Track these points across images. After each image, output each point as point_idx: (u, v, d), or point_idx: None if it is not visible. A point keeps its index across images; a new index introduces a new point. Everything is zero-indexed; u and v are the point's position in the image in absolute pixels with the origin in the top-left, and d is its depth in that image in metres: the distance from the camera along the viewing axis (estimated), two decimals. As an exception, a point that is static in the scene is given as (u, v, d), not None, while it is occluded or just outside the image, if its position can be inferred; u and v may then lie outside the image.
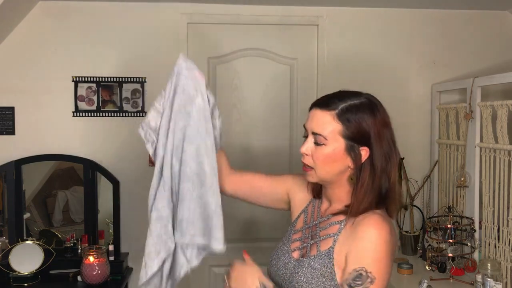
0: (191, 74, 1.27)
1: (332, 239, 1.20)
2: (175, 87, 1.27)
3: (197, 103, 1.27)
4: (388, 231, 1.15)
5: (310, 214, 1.33)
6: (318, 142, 1.17)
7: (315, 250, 1.22)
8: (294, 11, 2.71)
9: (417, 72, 2.81)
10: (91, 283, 2.30)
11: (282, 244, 1.33)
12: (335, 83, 2.75)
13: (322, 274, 1.17)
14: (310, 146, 1.19)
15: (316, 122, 1.18)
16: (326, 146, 1.16)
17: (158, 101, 1.32)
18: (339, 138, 1.16)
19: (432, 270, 2.36)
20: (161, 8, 2.64)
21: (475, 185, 2.33)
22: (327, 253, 1.18)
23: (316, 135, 1.17)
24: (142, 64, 2.66)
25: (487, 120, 2.22)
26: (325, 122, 1.16)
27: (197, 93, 1.27)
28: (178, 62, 1.27)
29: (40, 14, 2.59)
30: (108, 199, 2.59)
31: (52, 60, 2.61)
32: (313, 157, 1.18)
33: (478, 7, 2.77)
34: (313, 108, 1.21)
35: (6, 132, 2.59)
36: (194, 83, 1.27)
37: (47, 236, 2.60)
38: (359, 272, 1.11)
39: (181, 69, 1.27)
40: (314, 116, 1.19)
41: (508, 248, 2.08)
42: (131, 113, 2.66)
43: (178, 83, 1.27)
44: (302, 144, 1.22)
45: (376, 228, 1.14)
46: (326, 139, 1.15)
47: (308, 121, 1.20)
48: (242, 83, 2.73)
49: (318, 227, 1.26)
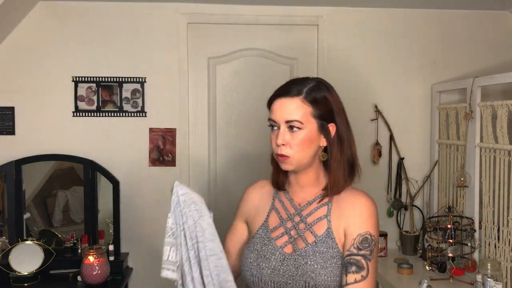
0: (190, 199, 1.25)
1: (326, 220, 1.26)
2: (180, 217, 1.24)
3: (204, 227, 1.24)
4: (372, 199, 1.29)
5: (282, 209, 1.33)
6: (294, 128, 1.20)
7: (312, 237, 1.25)
8: (294, 11, 2.71)
9: (417, 72, 2.81)
10: (91, 283, 2.30)
11: (263, 245, 1.29)
12: (335, 83, 2.74)
13: (332, 255, 1.22)
14: (286, 135, 1.22)
15: (287, 111, 1.21)
16: (302, 130, 1.21)
17: (169, 235, 1.26)
18: (311, 119, 1.22)
19: (432, 270, 2.36)
20: (161, 8, 2.64)
21: (475, 185, 2.33)
22: (327, 235, 1.24)
23: (290, 122, 1.20)
24: (142, 64, 2.66)
25: (487, 120, 2.22)
26: (296, 107, 1.21)
27: (201, 216, 1.25)
28: (174, 190, 1.24)
29: (40, 14, 2.59)
30: (108, 199, 2.59)
31: (52, 60, 2.61)
32: (290, 145, 1.21)
33: (478, 7, 2.77)
34: (276, 99, 1.24)
35: (6, 132, 2.59)
36: (196, 208, 1.25)
37: (47, 236, 2.60)
38: (364, 236, 1.21)
39: (180, 196, 1.24)
40: (282, 105, 1.22)
41: (508, 248, 2.08)
42: (131, 113, 2.66)
43: (182, 212, 1.24)
44: (273, 137, 1.24)
45: (365, 197, 1.28)
46: (302, 122, 1.20)
47: (277, 112, 1.22)
48: (242, 83, 2.73)
49: (301, 215, 1.29)
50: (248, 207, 1.41)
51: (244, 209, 1.42)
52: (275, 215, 1.33)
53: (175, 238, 1.24)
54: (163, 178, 2.68)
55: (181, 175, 2.70)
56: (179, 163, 2.69)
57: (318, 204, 1.28)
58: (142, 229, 2.68)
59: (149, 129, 2.68)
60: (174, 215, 1.24)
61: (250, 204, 1.41)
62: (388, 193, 2.80)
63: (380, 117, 2.77)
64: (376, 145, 2.76)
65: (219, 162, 2.75)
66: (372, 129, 2.78)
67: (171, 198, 1.25)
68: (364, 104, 2.77)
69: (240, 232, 1.42)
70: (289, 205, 1.32)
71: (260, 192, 1.41)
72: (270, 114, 1.25)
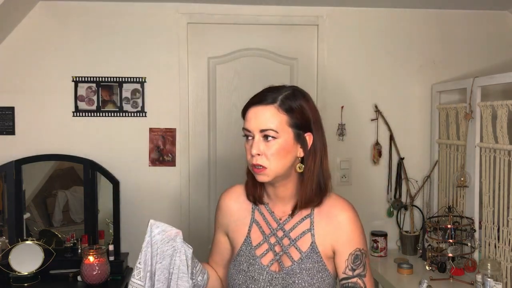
0: (167, 237, 1.21)
1: (309, 235, 1.24)
2: (150, 258, 1.20)
3: (177, 263, 1.21)
4: (352, 206, 1.27)
5: (264, 222, 1.29)
6: (269, 138, 1.16)
7: (297, 253, 1.23)
8: (294, 11, 2.71)
9: (417, 72, 2.81)
10: (91, 283, 2.30)
11: (249, 265, 1.26)
12: (335, 83, 2.75)
13: (318, 270, 1.22)
14: (261, 144, 1.17)
15: (261, 119, 1.17)
16: (278, 139, 1.16)
17: (137, 274, 1.21)
18: (287, 128, 1.17)
19: (432, 270, 2.36)
20: (161, 8, 2.64)
21: (475, 185, 2.33)
22: (311, 250, 1.23)
23: (265, 131, 1.16)
24: (142, 64, 2.66)
25: (487, 120, 2.22)
26: (271, 116, 1.17)
27: (175, 253, 1.22)
28: (149, 229, 1.20)
29: (40, 14, 2.59)
30: (108, 199, 2.59)
31: (52, 60, 2.61)
32: (266, 155, 1.17)
33: (478, 7, 2.77)
34: (250, 107, 1.20)
35: (6, 132, 2.59)
36: (173, 245, 1.22)
37: (47, 236, 2.60)
38: (355, 254, 1.22)
39: (155, 235, 1.20)
40: (257, 114, 1.18)
41: (508, 248, 2.08)
42: (131, 113, 2.66)
43: (158, 251, 1.20)
44: (248, 146, 1.21)
45: (347, 209, 1.25)
46: (277, 131, 1.16)
47: (251, 121, 1.18)
48: (242, 83, 2.73)
49: (284, 230, 1.26)
50: (226, 220, 1.36)
51: (222, 221, 1.37)
52: (256, 229, 1.29)
53: (142, 280, 1.18)
54: (163, 178, 2.68)
55: (181, 175, 2.70)
56: (179, 163, 2.69)
57: (300, 218, 1.26)
58: (142, 229, 2.65)
59: (149, 129, 2.68)
60: (144, 256, 1.19)
61: (228, 217, 1.35)
62: (388, 193, 2.80)
63: (380, 117, 2.77)
64: (376, 145, 2.77)
65: (219, 162, 2.75)
66: (372, 129, 2.78)
67: (145, 237, 1.21)
68: (364, 104, 2.77)
69: (224, 246, 1.39)
70: (270, 219, 1.28)
71: (237, 202, 1.35)
72: (244, 123, 1.21)
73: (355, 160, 2.78)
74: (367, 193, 2.78)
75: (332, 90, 2.75)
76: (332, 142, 2.74)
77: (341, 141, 2.76)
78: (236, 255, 1.30)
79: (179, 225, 2.69)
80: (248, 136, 1.21)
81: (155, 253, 1.19)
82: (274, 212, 1.29)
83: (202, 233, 2.73)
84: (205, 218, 2.74)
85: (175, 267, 1.20)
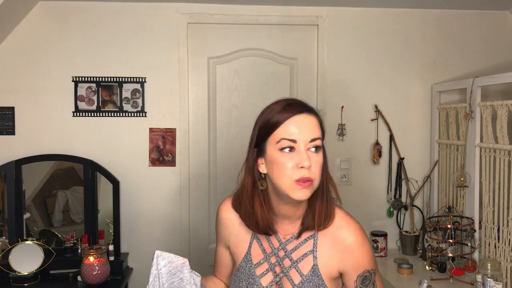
0: (174, 268, 1.19)
1: (312, 256, 1.18)
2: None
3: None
4: (358, 223, 1.20)
5: (265, 240, 1.23)
6: (317, 148, 1.09)
7: (298, 276, 1.18)
8: (294, 11, 2.71)
9: (417, 72, 2.81)
10: (91, 283, 2.30)
11: (248, 284, 1.21)
12: (335, 83, 2.75)
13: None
14: (311, 155, 1.08)
15: (311, 128, 1.09)
16: (321, 154, 1.11)
17: None
18: (323, 141, 1.13)
19: (432, 270, 2.36)
20: (161, 8, 2.64)
21: (475, 185, 2.33)
22: (313, 273, 1.17)
23: (315, 140, 1.09)
24: (142, 64, 2.66)
25: (487, 120, 2.22)
26: (317, 125, 1.11)
27: (182, 283, 1.19)
28: (155, 262, 1.17)
29: (40, 14, 2.59)
30: (108, 199, 2.59)
31: (52, 60, 2.61)
32: (313, 168, 1.08)
33: (478, 7, 2.77)
34: (298, 114, 1.09)
35: (6, 132, 2.59)
36: (180, 276, 1.20)
37: (47, 236, 2.60)
38: (363, 276, 1.17)
39: (161, 268, 1.18)
40: (307, 122, 1.09)
41: (508, 248, 2.08)
42: (131, 113, 2.66)
43: (163, 285, 1.18)
44: (286, 160, 1.08)
45: (354, 233, 1.18)
46: (322, 141, 1.12)
47: (299, 129, 1.08)
48: (242, 83, 2.73)
49: (286, 250, 1.20)
50: (227, 233, 1.31)
51: (222, 234, 1.33)
52: (257, 246, 1.24)
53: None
54: (163, 178, 2.68)
55: (181, 175, 2.70)
56: (179, 163, 2.69)
57: (303, 238, 1.19)
58: (142, 229, 2.68)
59: (149, 129, 2.68)
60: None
61: (229, 230, 1.29)
62: (388, 193, 2.80)
63: (380, 117, 2.77)
64: (376, 145, 2.77)
65: (219, 162, 2.75)
66: (372, 129, 2.78)
67: (151, 270, 1.19)
68: (364, 104, 2.77)
69: (227, 258, 1.35)
70: (273, 237, 1.22)
71: (237, 219, 1.27)
72: (284, 132, 1.08)
73: (355, 160, 2.78)
74: (367, 193, 2.78)
75: (332, 90, 2.75)
76: (332, 142, 2.74)
77: (341, 141, 2.76)
78: (236, 270, 1.26)
79: (179, 225, 2.70)
80: (286, 147, 1.08)
81: (163, 286, 1.17)
82: (278, 231, 1.22)
83: (202, 233, 2.73)
84: (205, 218, 2.74)
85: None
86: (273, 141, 1.09)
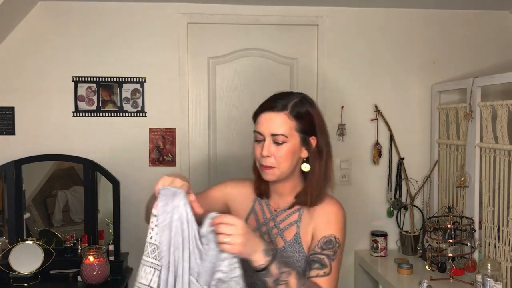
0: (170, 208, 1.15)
1: (295, 226, 1.35)
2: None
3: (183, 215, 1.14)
4: (342, 207, 1.36)
5: (260, 213, 1.42)
6: (279, 142, 1.28)
7: (282, 242, 1.35)
8: (294, 11, 2.71)
9: (417, 72, 2.81)
10: (91, 283, 2.30)
11: None
12: (335, 83, 2.75)
13: (297, 259, 1.32)
14: (271, 147, 1.28)
15: (273, 124, 1.28)
16: (287, 144, 1.28)
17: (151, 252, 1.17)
18: (295, 133, 1.29)
19: (432, 270, 2.36)
20: (161, 8, 2.64)
21: (475, 185, 2.33)
22: (295, 240, 1.33)
23: (276, 136, 1.27)
24: (142, 64, 2.66)
25: (487, 120, 2.22)
26: (282, 122, 1.28)
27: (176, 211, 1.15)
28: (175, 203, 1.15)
29: (40, 14, 2.59)
30: (108, 199, 2.59)
31: (52, 60, 2.61)
32: (275, 157, 1.28)
33: (478, 7, 2.77)
34: (263, 112, 1.30)
35: (6, 132, 2.59)
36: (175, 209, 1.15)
37: (47, 236, 2.60)
38: (328, 238, 1.30)
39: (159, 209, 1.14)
40: (269, 119, 1.28)
41: (508, 248, 2.08)
42: (131, 113, 2.66)
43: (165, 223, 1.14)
44: (258, 148, 1.31)
45: (336, 204, 1.35)
46: (287, 136, 1.27)
47: (263, 125, 1.29)
48: (242, 83, 2.73)
49: (275, 221, 1.38)
50: (230, 193, 1.47)
51: (226, 190, 1.48)
52: (253, 218, 1.42)
53: (159, 259, 1.11)
54: (163, 178, 2.68)
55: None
56: (179, 163, 2.69)
57: (291, 210, 1.38)
58: (142, 229, 2.66)
59: (149, 129, 2.68)
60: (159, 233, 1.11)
61: (233, 194, 1.46)
62: (388, 193, 2.80)
63: (380, 117, 2.77)
64: (376, 145, 2.77)
65: (219, 162, 2.75)
66: (372, 129, 2.78)
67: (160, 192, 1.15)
68: (364, 104, 2.77)
69: (216, 201, 1.45)
70: (266, 210, 1.41)
71: (241, 191, 1.47)
72: (256, 126, 1.31)
73: (355, 160, 2.78)
74: (367, 193, 2.78)
75: (332, 90, 2.75)
76: (332, 142, 2.72)
77: (341, 141, 2.76)
78: None
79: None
80: (258, 139, 1.31)
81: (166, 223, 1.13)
82: (271, 205, 1.42)
83: (202, 233, 2.73)
84: (205, 218, 2.74)
85: (184, 220, 1.12)
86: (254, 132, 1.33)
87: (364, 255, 2.71)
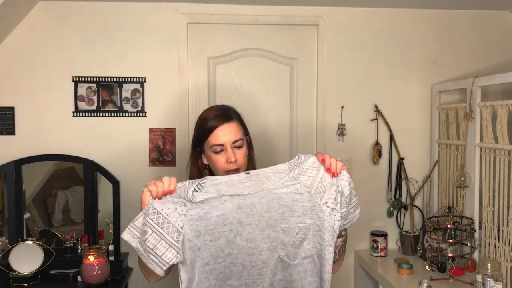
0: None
1: None
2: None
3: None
4: None
5: None
6: (238, 146, 1.45)
7: None
8: (294, 11, 2.71)
9: (417, 72, 2.81)
10: (91, 283, 2.30)
11: None
12: (335, 83, 2.75)
13: None
14: (235, 153, 1.44)
15: (232, 133, 1.45)
16: (244, 146, 1.48)
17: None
18: (243, 136, 1.50)
19: (432, 270, 2.36)
20: (161, 8, 2.64)
21: (475, 185, 2.33)
22: None
23: (236, 142, 1.44)
24: (142, 64, 2.66)
25: (487, 120, 2.22)
26: (237, 128, 1.47)
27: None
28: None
29: (40, 14, 2.59)
30: (108, 199, 2.59)
31: (52, 60, 2.61)
32: (238, 159, 1.44)
33: (478, 7, 2.77)
34: (219, 126, 1.44)
35: (6, 132, 2.59)
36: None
37: (47, 236, 2.60)
38: None
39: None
40: (227, 130, 1.44)
41: (508, 248, 2.08)
42: (131, 113, 2.66)
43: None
44: (221, 158, 1.44)
45: None
46: (242, 139, 1.47)
47: (224, 136, 1.43)
48: (242, 83, 2.73)
49: None
50: None
51: None
52: None
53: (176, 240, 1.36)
54: (163, 178, 2.68)
55: (181, 175, 2.69)
56: (179, 163, 2.69)
57: None
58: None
59: (149, 129, 2.68)
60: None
61: None
62: (388, 193, 2.80)
63: (380, 117, 2.77)
64: (376, 145, 2.77)
65: (219, 162, 2.75)
66: (372, 129, 2.78)
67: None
68: (364, 104, 2.77)
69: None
70: None
71: None
72: (214, 139, 1.43)
73: (355, 160, 2.78)
74: (367, 193, 2.78)
75: (332, 90, 2.75)
76: (332, 142, 2.74)
77: (341, 141, 2.76)
78: None
79: (179, 225, 2.69)
80: (219, 150, 1.44)
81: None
82: None
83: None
84: (205, 218, 2.74)
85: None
86: (208, 146, 1.46)
87: (364, 255, 2.71)
